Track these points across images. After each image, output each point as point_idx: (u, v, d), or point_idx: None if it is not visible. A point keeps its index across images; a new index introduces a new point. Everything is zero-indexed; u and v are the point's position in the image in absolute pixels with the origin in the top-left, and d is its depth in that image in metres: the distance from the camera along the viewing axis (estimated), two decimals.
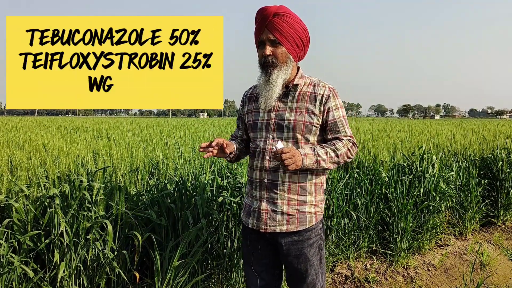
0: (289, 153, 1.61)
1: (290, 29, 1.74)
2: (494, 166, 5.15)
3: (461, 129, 10.11)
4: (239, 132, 2.07)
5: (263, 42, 1.76)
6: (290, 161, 1.61)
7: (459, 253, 4.12)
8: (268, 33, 1.73)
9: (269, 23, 1.72)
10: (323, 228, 1.92)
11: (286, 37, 1.74)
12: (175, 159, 3.28)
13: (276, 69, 1.75)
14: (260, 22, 1.75)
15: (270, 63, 1.75)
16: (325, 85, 1.84)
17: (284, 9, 1.75)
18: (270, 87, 1.76)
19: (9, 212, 2.34)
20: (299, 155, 1.66)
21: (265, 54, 1.74)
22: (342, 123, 1.82)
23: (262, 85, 1.79)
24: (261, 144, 1.82)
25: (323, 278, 1.91)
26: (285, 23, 1.73)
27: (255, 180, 1.85)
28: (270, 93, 1.76)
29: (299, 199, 1.80)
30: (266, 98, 1.78)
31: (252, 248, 1.91)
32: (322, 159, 1.72)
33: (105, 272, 2.45)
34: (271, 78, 1.75)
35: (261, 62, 1.78)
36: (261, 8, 1.77)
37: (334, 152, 1.75)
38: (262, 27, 1.74)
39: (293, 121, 1.77)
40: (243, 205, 1.98)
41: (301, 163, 1.66)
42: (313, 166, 1.71)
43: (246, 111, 1.96)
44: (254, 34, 1.82)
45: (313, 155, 1.70)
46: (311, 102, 1.79)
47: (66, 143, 4.03)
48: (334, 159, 1.75)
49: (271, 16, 1.71)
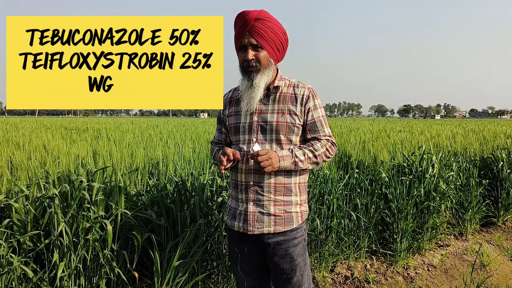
0: (265, 156, 1.66)
1: (271, 33, 1.77)
2: (494, 166, 5.15)
3: (461, 129, 10.10)
4: (221, 136, 2.07)
5: (244, 46, 1.77)
6: (266, 163, 1.66)
7: (459, 254, 4.11)
8: (250, 37, 1.75)
9: (251, 28, 1.74)
10: (306, 230, 1.96)
11: (268, 41, 1.76)
12: (175, 160, 3.28)
13: (259, 73, 1.77)
14: (241, 27, 1.76)
15: (253, 67, 1.77)
16: (305, 85, 1.88)
17: (265, 14, 1.78)
18: (253, 90, 1.78)
19: (9, 212, 2.34)
20: (275, 157, 1.70)
21: (247, 58, 1.75)
22: (321, 122, 1.87)
23: (244, 89, 1.81)
24: (244, 147, 1.83)
25: (308, 280, 1.95)
26: (266, 27, 1.76)
27: (240, 183, 1.86)
28: (253, 96, 1.78)
29: (285, 199, 1.83)
30: (248, 102, 1.80)
31: (240, 250, 1.93)
32: (300, 160, 1.76)
33: (105, 272, 2.45)
34: (254, 82, 1.77)
35: (243, 66, 1.79)
36: (241, 13, 1.78)
37: (312, 153, 1.79)
38: (243, 32, 1.75)
39: (275, 123, 1.79)
40: (227, 208, 1.99)
41: (278, 164, 1.71)
42: (291, 167, 1.76)
43: (227, 115, 1.96)
44: (234, 38, 1.83)
45: (290, 157, 1.74)
46: (292, 103, 1.83)
47: (66, 143, 4.04)
48: (312, 160, 1.80)
49: (253, 20, 1.73)
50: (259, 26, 1.74)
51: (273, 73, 1.86)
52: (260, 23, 1.74)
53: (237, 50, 1.83)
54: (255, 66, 1.76)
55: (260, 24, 1.74)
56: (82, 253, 2.37)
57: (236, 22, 1.79)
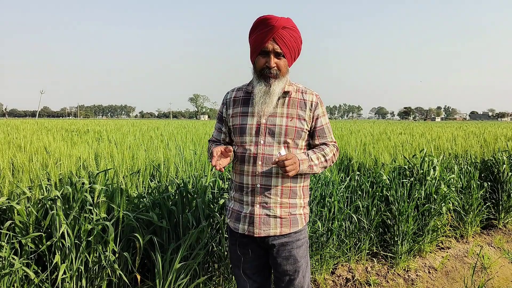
0: (292, 160, 1.69)
1: (294, 43, 1.79)
2: (495, 168, 5.15)
3: (462, 131, 10.10)
4: (221, 135, 2.04)
5: (267, 52, 1.76)
6: (291, 168, 1.69)
7: (460, 256, 4.11)
8: (275, 44, 1.74)
9: (277, 35, 1.73)
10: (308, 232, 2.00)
11: (290, 50, 1.79)
12: (176, 162, 3.29)
13: (277, 80, 1.78)
14: (267, 32, 1.73)
15: (274, 75, 1.77)
16: (312, 92, 1.91)
17: (292, 23, 1.79)
18: (269, 96, 1.78)
19: (11, 214, 2.35)
20: (298, 161, 1.73)
21: (270, 65, 1.76)
22: (328, 129, 1.93)
23: (260, 93, 1.80)
24: (252, 149, 1.82)
25: (308, 282, 1.97)
26: (291, 37, 1.77)
27: (246, 185, 1.85)
28: (268, 102, 1.78)
29: (290, 202, 1.85)
30: (262, 107, 1.80)
31: (243, 252, 1.93)
32: (315, 164, 1.81)
33: (106, 274, 2.46)
34: (271, 88, 1.77)
35: (262, 72, 1.79)
36: (268, 18, 1.75)
37: (324, 157, 1.85)
38: (268, 37, 1.73)
39: (284, 127, 1.81)
40: (228, 211, 1.98)
41: (299, 168, 1.74)
42: (307, 171, 1.80)
43: (231, 115, 1.93)
44: (255, 40, 1.79)
45: (307, 160, 1.78)
46: (302, 108, 1.85)
47: (68, 145, 4.04)
48: (323, 164, 1.86)
49: (280, 28, 1.73)
50: (285, 35, 1.75)
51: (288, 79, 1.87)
52: (286, 32, 1.75)
53: (255, 53, 1.80)
54: (275, 74, 1.77)
55: (287, 32, 1.75)
56: (83, 255, 2.37)
57: (259, 26, 1.77)
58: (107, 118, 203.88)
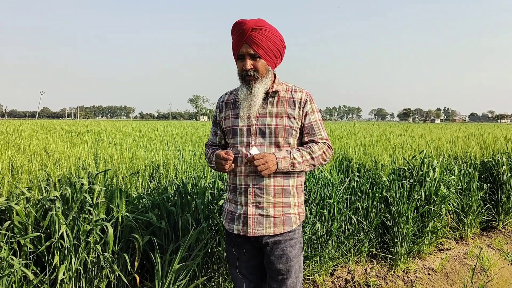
0: (261, 160, 1.70)
1: (268, 42, 1.79)
2: (494, 170, 5.15)
3: (461, 133, 10.11)
4: (217, 138, 2.08)
5: (242, 55, 1.80)
6: (262, 167, 1.70)
7: (459, 257, 4.11)
8: (248, 47, 1.77)
9: (248, 37, 1.76)
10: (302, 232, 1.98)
11: (265, 50, 1.79)
12: (175, 162, 3.29)
13: (257, 81, 1.80)
14: (239, 36, 1.78)
15: (251, 76, 1.79)
16: (302, 90, 1.92)
17: (262, 23, 1.79)
18: (252, 99, 1.81)
19: (10, 214, 2.34)
20: (273, 159, 1.73)
21: (246, 68, 1.78)
22: (318, 126, 1.91)
23: (243, 97, 1.84)
24: (243, 150, 1.84)
25: (301, 284, 1.98)
26: (264, 37, 1.78)
27: (239, 185, 1.87)
28: (252, 104, 1.81)
29: (284, 201, 1.85)
30: (248, 109, 1.83)
31: (238, 252, 1.94)
32: (298, 162, 1.80)
33: (106, 275, 2.45)
34: (253, 90, 1.80)
35: (242, 75, 1.82)
36: (238, 22, 1.79)
37: (309, 155, 1.83)
38: (241, 41, 1.77)
39: (274, 126, 1.82)
40: (224, 212, 2.00)
41: (275, 167, 1.74)
42: (288, 169, 1.79)
43: (224, 117, 1.97)
44: (232, 46, 1.85)
45: (288, 158, 1.78)
46: (291, 107, 1.86)
47: (67, 146, 4.04)
48: (310, 162, 1.84)
49: (250, 30, 1.75)
50: (256, 36, 1.76)
51: (271, 79, 1.88)
52: (257, 33, 1.76)
53: (235, 59, 1.86)
54: (253, 75, 1.79)
55: (257, 33, 1.76)
56: (83, 255, 2.37)
57: (234, 31, 1.81)
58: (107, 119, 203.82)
